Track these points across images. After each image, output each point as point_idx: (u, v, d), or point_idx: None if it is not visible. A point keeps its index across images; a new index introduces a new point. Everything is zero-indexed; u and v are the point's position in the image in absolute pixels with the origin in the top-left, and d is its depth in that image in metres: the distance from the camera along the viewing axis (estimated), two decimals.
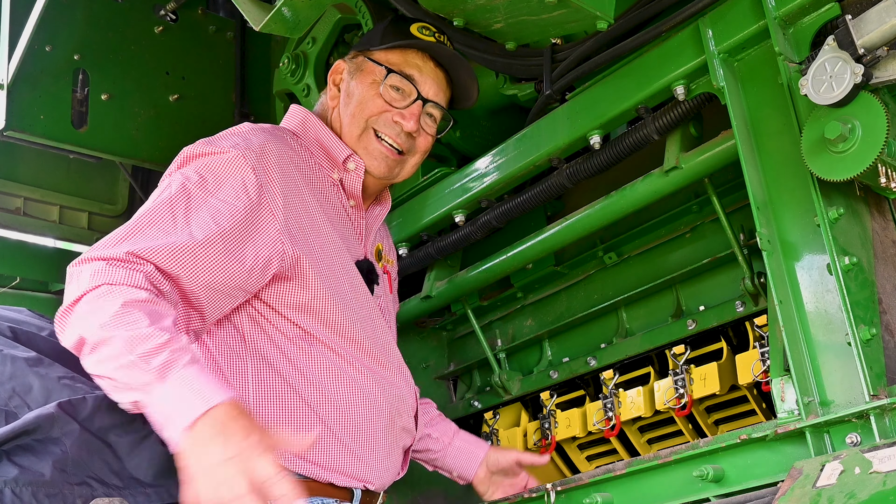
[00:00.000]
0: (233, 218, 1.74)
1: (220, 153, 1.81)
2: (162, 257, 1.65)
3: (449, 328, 2.95)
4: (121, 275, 1.60)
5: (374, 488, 1.90)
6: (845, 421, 1.64)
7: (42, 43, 3.16)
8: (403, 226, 2.69)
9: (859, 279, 1.75)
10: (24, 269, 3.86)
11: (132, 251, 1.63)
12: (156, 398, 1.50)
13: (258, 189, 1.79)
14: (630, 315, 2.50)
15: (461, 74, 2.09)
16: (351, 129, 2.01)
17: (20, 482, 1.49)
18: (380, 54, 2.03)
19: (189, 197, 1.74)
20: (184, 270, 1.67)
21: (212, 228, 1.71)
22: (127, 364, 1.51)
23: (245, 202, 1.77)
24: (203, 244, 1.70)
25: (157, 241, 1.67)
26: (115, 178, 4.12)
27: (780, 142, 1.86)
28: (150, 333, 1.52)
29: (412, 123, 2.00)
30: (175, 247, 1.67)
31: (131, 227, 1.70)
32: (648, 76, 2.11)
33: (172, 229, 1.69)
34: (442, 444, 2.31)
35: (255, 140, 1.86)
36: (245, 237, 1.75)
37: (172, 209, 1.72)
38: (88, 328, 1.55)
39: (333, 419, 1.83)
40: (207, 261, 1.70)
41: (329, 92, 2.09)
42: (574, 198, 2.62)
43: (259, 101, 3.70)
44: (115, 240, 1.68)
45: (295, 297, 1.83)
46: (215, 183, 1.77)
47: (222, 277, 1.72)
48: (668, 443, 2.37)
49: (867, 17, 1.68)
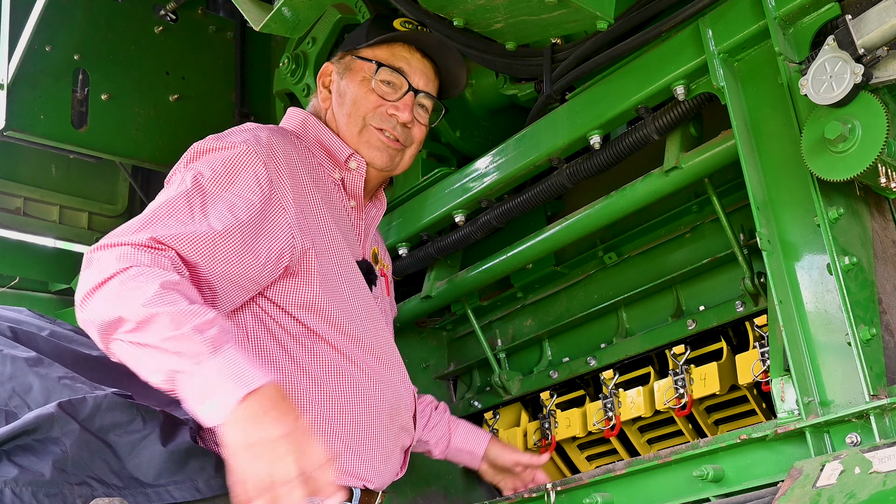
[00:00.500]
0: (249, 211, 1.76)
1: (230, 148, 1.83)
2: (183, 244, 1.66)
3: (449, 328, 2.95)
4: (147, 258, 1.60)
5: (373, 487, 1.90)
6: (845, 421, 1.64)
7: (42, 43, 3.16)
8: (403, 226, 2.69)
9: (859, 279, 1.75)
10: (24, 269, 3.87)
11: (154, 237, 1.64)
12: (205, 369, 1.47)
13: (269, 183, 1.81)
14: (630, 315, 2.50)
15: (449, 62, 2.14)
16: (350, 129, 2.04)
17: (20, 482, 1.49)
18: (367, 51, 2.07)
19: (204, 190, 1.76)
20: (203, 259, 1.68)
21: (230, 220, 1.73)
22: (178, 336, 1.49)
23: (259, 196, 1.79)
24: (223, 234, 1.71)
25: (177, 229, 1.68)
26: (115, 178, 4.12)
27: (780, 142, 1.86)
28: (197, 310, 1.52)
29: (407, 114, 2.04)
30: (196, 235, 1.68)
31: (149, 216, 1.70)
32: (648, 76, 2.11)
33: (190, 219, 1.70)
34: (440, 449, 2.35)
35: (263, 136, 1.88)
36: (259, 230, 1.77)
37: (189, 201, 1.73)
38: (128, 307, 1.53)
39: (335, 416, 1.83)
40: (226, 251, 1.71)
41: (320, 94, 2.12)
42: (574, 198, 2.62)
43: (259, 101, 3.70)
44: (134, 227, 1.68)
45: (299, 295, 1.84)
46: (228, 177, 1.79)
47: (239, 268, 1.73)
48: (668, 443, 2.36)
49: (867, 17, 1.68)
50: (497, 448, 2.36)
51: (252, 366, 1.49)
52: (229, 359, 1.49)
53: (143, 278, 1.56)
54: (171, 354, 1.50)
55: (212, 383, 1.47)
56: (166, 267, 1.61)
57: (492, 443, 2.37)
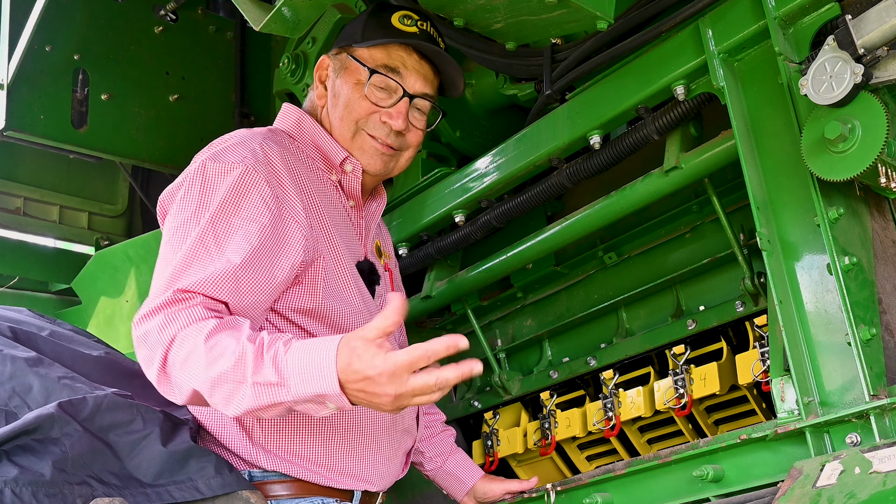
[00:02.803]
0: (261, 234, 1.74)
1: (230, 172, 1.78)
2: (208, 288, 1.65)
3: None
4: (182, 317, 1.61)
5: (374, 489, 1.90)
6: (845, 421, 1.64)
7: (42, 43, 3.17)
8: (403, 226, 2.69)
9: (859, 279, 1.75)
10: (24, 269, 3.87)
11: (179, 289, 1.64)
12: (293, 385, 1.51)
13: (276, 200, 1.78)
14: (630, 315, 2.50)
15: (446, 67, 2.08)
16: (343, 132, 2.00)
17: (20, 482, 1.49)
18: (362, 51, 2.00)
19: (215, 226, 1.73)
20: (230, 295, 1.67)
21: (246, 250, 1.71)
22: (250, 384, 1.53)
23: (268, 217, 1.76)
24: (242, 267, 1.69)
25: (198, 275, 1.67)
26: (115, 178, 4.12)
27: (780, 142, 1.86)
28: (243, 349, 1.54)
29: (400, 122, 1.98)
30: (217, 275, 1.67)
31: (170, 273, 1.69)
32: (648, 76, 2.11)
33: (209, 260, 1.69)
34: (434, 465, 2.34)
35: (259, 149, 1.84)
36: (276, 251, 1.75)
37: (204, 243, 1.71)
38: (195, 380, 1.57)
39: (338, 420, 1.83)
40: (249, 282, 1.70)
41: (317, 90, 2.08)
42: (574, 198, 2.62)
43: (259, 101, 3.70)
44: (162, 288, 1.67)
45: (301, 302, 1.82)
46: (235, 204, 1.76)
47: (264, 294, 1.73)
48: (668, 443, 2.36)
49: (867, 17, 1.68)
50: (487, 484, 2.34)
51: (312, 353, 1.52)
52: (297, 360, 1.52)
53: (187, 343, 1.58)
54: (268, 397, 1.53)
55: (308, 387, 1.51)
56: (202, 315, 1.62)
57: (483, 479, 2.35)
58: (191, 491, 1.62)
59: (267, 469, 1.79)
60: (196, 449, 1.72)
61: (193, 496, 1.62)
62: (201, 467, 1.67)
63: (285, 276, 1.76)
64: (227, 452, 1.80)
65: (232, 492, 1.68)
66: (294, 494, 1.80)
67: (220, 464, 1.70)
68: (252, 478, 1.78)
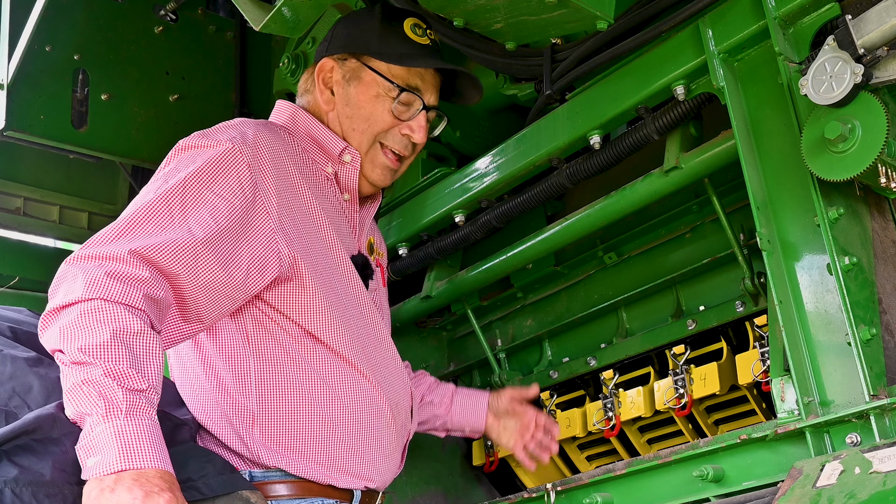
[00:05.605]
0: (230, 216, 1.73)
1: (215, 146, 1.79)
2: (163, 255, 1.63)
3: (449, 328, 2.94)
4: (117, 290, 1.57)
5: (375, 486, 1.90)
6: (845, 421, 1.64)
7: (42, 43, 3.16)
8: (403, 226, 2.69)
9: (859, 279, 1.75)
10: (24, 269, 3.87)
11: (133, 249, 1.61)
12: (109, 427, 1.46)
13: (253, 186, 1.78)
14: (630, 315, 2.50)
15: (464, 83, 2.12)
16: (360, 144, 2.01)
17: (20, 482, 1.48)
18: (381, 65, 2.01)
19: (185, 191, 1.72)
20: (184, 269, 1.66)
21: (211, 226, 1.70)
22: (98, 388, 1.48)
23: (241, 199, 1.76)
24: (204, 242, 1.68)
25: (157, 237, 1.65)
26: (115, 178, 4.12)
27: (780, 142, 1.86)
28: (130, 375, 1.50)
29: (421, 135, 2.02)
30: (176, 244, 1.65)
31: (127, 221, 1.67)
32: (648, 76, 2.11)
33: (170, 224, 1.68)
34: (445, 407, 2.33)
35: (250, 133, 1.84)
36: (241, 236, 1.74)
37: (169, 203, 1.70)
38: (69, 346, 1.52)
39: (337, 418, 1.83)
40: (208, 260, 1.68)
41: (321, 95, 2.05)
42: (574, 198, 2.62)
43: (259, 101, 3.70)
44: (112, 235, 1.65)
45: (294, 298, 1.82)
46: (211, 176, 1.75)
47: (221, 277, 1.71)
48: (668, 443, 2.37)
49: (867, 17, 1.68)
50: (496, 396, 2.36)
51: (153, 446, 1.47)
52: (135, 427, 1.47)
53: (98, 318, 1.53)
54: (84, 394, 1.49)
55: (104, 442, 1.46)
56: (136, 303, 1.57)
57: (491, 394, 2.37)
58: (191, 491, 1.62)
59: (267, 468, 1.79)
60: (196, 449, 1.72)
61: (193, 496, 1.62)
62: (201, 467, 1.67)
63: (245, 267, 1.73)
64: (228, 452, 1.80)
65: (232, 492, 1.68)
66: (294, 495, 1.79)
67: (220, 464, 1.70)
68: (252, 478, 1.78)
